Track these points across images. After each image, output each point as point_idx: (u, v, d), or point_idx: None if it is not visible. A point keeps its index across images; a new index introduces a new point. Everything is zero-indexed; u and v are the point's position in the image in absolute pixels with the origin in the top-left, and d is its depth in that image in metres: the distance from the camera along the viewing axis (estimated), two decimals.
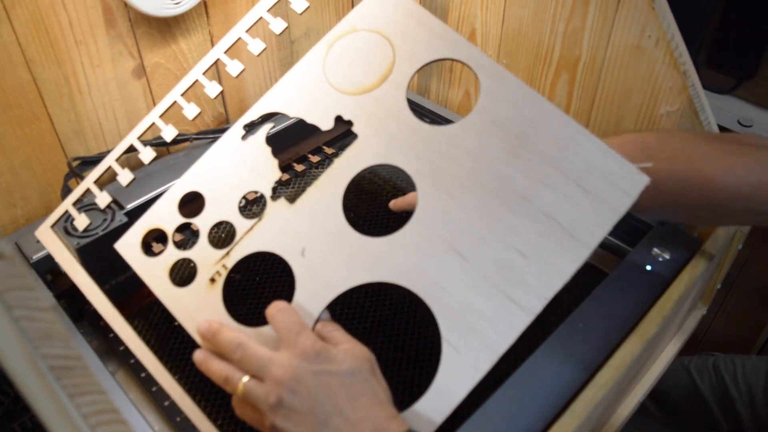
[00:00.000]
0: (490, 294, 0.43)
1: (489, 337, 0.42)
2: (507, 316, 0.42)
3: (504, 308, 0.42)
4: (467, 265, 0.43)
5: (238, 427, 0.51)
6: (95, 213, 0.55)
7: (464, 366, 0.41)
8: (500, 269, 0.43)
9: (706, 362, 0.80)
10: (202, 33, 0.72)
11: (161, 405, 0.52)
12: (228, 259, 0.47)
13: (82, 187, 0.54)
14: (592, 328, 0.53)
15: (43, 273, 0.59)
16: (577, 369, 0.50)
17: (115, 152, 0.55)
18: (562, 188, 0.43)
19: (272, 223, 0.47)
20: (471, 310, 0.42)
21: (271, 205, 0.48)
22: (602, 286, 0.57)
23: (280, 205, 0.48)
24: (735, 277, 1.14)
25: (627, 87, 0.64)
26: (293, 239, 0.46)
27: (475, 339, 0.42)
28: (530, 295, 0.42)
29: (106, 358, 0.57)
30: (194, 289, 0.47)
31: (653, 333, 0.51)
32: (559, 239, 0.43)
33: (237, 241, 0.47)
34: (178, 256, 0.48)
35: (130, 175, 0.54)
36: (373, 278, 0.44)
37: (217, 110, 0.79)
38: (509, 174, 0.44)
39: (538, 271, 0.42)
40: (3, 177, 0.62)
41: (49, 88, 0.62)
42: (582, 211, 0.43)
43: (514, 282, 0.42)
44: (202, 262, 0.48)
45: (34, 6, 0.57)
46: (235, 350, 0.43)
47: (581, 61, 0.67)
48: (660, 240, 0.61)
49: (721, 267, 0.65)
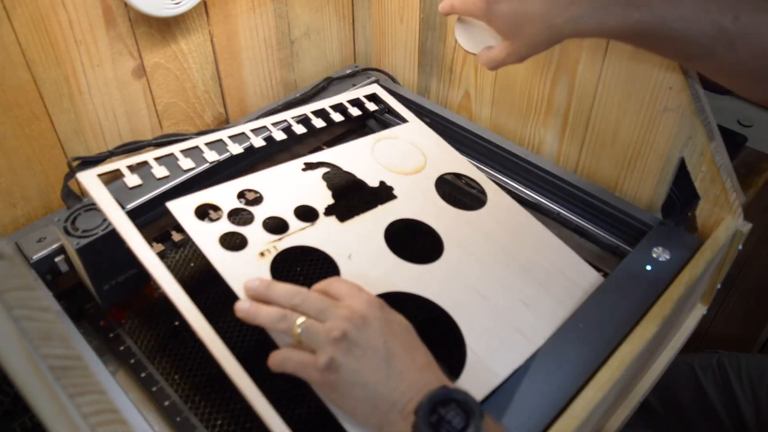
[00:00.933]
0: (503, 324, 0.52)
1: (504, 354, 0.50)
2: (516, 343, 0.51)
3: (514, 337, 0.51)
4: (485, 301, 0.54)
5: (238, 427, 0.51)
6: (95, 213, 0.55)
7: (485, 371, 0.48)
8: (509, 310, 0.53)
9: (710, 359, 0.80)
10: (202, 33, 0.72)
11: (161, 405, 0.52)
12: (279, 243, 0.52)
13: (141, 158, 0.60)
14: (592, 328, 0.53)
15: (43, 273, 0.59)
16: (577, 369, 0.50)
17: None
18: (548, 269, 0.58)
19: (323, 230, 0.55)
20: (489, 332, 0.51)
21: (323, 219, 0.56)
22: (602, 286, 0.57)
23: (331, 220, 0.56)
24: (735, 277, 1.14)
25: (627, 87, 0.64)
26: (341, 246, 0.54)
27: (494, 351, 0.50)
28: (533, 332, 0.52)
29: (106, 358, 0.57)
30: (243, 256, 0.50)
31: (653, 333, 0.51)
32: (549, 301, 0.56)
33: (290, 233, 0.54)
34: (231, 229, 0.52)
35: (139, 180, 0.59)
36: (411, 290, 0.52)
37: (217, 110, 0.79)
38: (513, 251, 0.59)
39: (537, 318, 0.54)
40: (3, 177, 0.62)
41: (49, 88, 0.62)
42: (561, 286, 0.57)
43: (520, 320, 0.53)
44: (253, 239, 0.52)
45: (34, 6, 0.57)
46: (294, 296, 0.44)
47: (581, 61, 0.67)
48: (660, 240, 0.61)
49: (721, 267, 0.65)
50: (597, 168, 0.72)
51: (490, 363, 0.49)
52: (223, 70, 0.77)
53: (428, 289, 0.53)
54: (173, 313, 0.60)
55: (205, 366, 0.56)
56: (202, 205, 0.54)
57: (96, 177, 0.55)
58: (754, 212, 1.02)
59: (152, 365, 0.56)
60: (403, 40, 0.86)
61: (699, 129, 0.60)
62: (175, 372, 0.55)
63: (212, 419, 0.52)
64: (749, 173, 0.89)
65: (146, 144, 0.69)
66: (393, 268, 0.54)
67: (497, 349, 0.50)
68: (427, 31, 0.81)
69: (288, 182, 0.59)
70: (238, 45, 0.76)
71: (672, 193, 0.66)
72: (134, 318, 0.60)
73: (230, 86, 0.78)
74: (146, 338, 0.58)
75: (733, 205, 0.61)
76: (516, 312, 0.53)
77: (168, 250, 0.67)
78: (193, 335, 0.58)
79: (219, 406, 0.53)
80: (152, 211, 0.67)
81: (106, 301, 0.57)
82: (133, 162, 0.59)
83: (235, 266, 0.49)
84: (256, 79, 0.81)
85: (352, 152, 0.64)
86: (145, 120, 0.71)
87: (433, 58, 0.83)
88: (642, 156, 0.66)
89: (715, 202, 0.62)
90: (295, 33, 0.83)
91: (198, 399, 0.53)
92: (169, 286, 0.48)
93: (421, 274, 0.54)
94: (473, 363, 0.48)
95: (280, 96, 0.85)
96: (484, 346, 0.49)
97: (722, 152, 0.60)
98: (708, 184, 0.61)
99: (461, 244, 0.58)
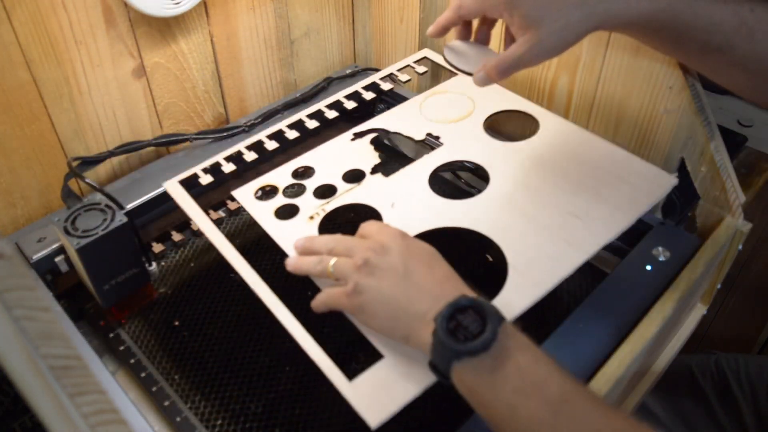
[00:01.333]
0: (550, 239, 0.52)
1: (548, 267, 0.50)
2: (564, 254, 0.51)
3: (562, 249, 0.51)
4: (531, 221, 0.54)
5: (238, 427, 0.51)
6: (95, 213, 0.55)
7: (527, 285, 0.49)
8: (558, 225, 0.53)
9: (708, 360, 0.80)
10: (202, 33, 0.72)
11: (161, 405, 0.52)
12: (327, 205, 0.57)
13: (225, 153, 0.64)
14: (592, 328, 0.53)
15: (43, 273, 0.59)
16: (578, 369, 0.50)
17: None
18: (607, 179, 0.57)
19: (368, 187, 0.59)
20: (534, 248, 0.51)
21: (369, 177, 0.60)
22: (602, 286, 0.57)
23: (377, 177, 0.60)
24: (735, 277, 1.14)
25: (627, 87, 0.64)
26: (385, 197, 0.58)
27: (536, 267, 0.50)
28: (584, 241, 0.52)
29: (106, 358, 0.57)
30: (295, 222, 0.56)
31: (653, 333, 0.51)
32: (607, 209, 0.54)
33: (338, 195, 0.58)
34: (285, 202, 0.58)
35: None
36: (453, 224, 0.54)
37: (217, 110, 0.79)
38: (568, 170, 0.58)
39: (589, 228, 0.53)
40: (3, 177, 0.62)
41: (49, 88, 0.62)
42: (621, 193, 0.56)
43: (570, 232, 0.52)
44: (304, 206, 0.57)
45: (34, 6, 0.57)
46: (328, 243, 0.49)
47: (581, 61, 0.67)
48: (660, 240, 0.61)
49: (721, 267, 0.65)
50: None
51: (533, 277, 0.49)
52: (223, 70, 0.77)
53: (472, 220, 0.54)
54: (173, 313, 0.61)
55: (205, 366, 0.56)
56: (262, 187, 0.60)
57: (178, 184, 0.60)
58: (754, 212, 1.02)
59: (152, 365, 0.56)
60: (403, 40, 0.86)
61: (699, 129, 0.60)
62: (175, 372, 0.55)
63: (212, 419, 0.52)
64: (749, 173, 0.89)
65: (146, 144, 0.69)
66: (436, 207, 0.56)
67: (542, 263, 0.50)
68: (427, 31, 0.81)
69: (338, 153, 0.63)
70: (238, 45, 0.76)
71: (672, 193, 0.66)
72: (134, 318, 0.60)
73: (230, 86, 0.78)
74: (146, 338, 0.58)
75: (733, 205, 0.61)
76: (565, 225, 0.53)
77: (168, 250, 0.67)
78: (193, 335, 0.58)
79: (219, 406, 0.53)
80: (152, 211, 0.67)
81: (106, 301, 0.57)
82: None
83: (287, 232, 0.54)
84: (256, 79, 0.81)
85: (400, 114, 0.67)
86: (145, 120, 0.71)
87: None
88: (642, 156, 0.66)
89: (715, 202, 0.62)
90: (295, 33, 0.83)
91: (198, 399, 0.53)
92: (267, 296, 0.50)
93: (464, 209, 0.55)
94: (514, 279, 0.49)
95: (280, 96, 0.85)
96: (526, 262, 0.50)
97: (722, 152, 0.60)
98: (708, 184, 0.61)
99: (508, 173, 0.58)
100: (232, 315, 0.60)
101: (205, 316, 0.60)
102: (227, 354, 0.57)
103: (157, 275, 0.64)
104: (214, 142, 0.74)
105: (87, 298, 0.60)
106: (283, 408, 0.52)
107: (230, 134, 0.74)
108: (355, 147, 0.64)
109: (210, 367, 0.56)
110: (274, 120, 0.77)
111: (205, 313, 0.60)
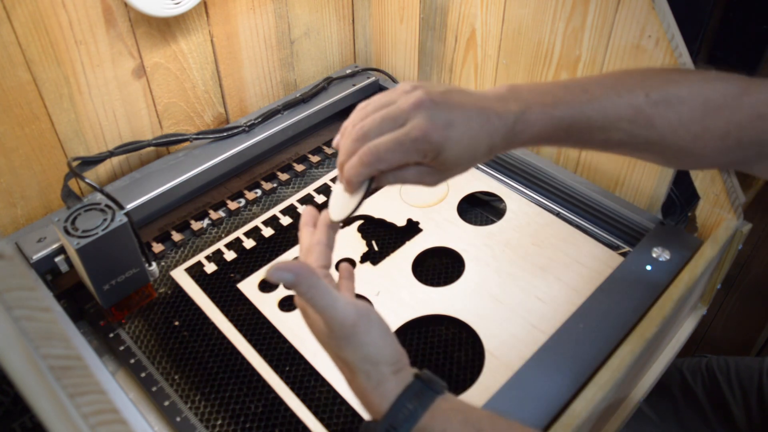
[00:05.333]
0: (520, 322, 0.58)
1: (517, 349, 0.56)
2: (530, 335, 0.57)
3: (528, 331, 0.57)
4: (502, 305, 0.60)
5: (238, 427, 0.51)
6: (95, 213, 0.55)
7: (500, 368, 0.55)
8: (527, 309, 0.59)
9: (699, 364, 0.80)
10: (202, 33, 0.72)
11: (161, 405, 0.52)
12: None
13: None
14: (592, 328, 0.53)
15: (43, 273, 0.59)
16: (577, 369, 0.50)
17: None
18: (566, 261, 0.64)
19: (359, 276, 0.61)
20: (506, 331, 0.58)
21: (359, 266, 0.65)
22: (602, 286, 0.57)
23: (366, 265, 0.65)
24: (735, 277, 1.14)
25: None
26: (372, 285, 0.63)
27: (508, 350, 0.56)
28: (547, 324, 0.58)
29: (106, 358, 0.57)
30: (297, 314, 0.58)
31: (653, 333, 0.51)
32: (565, 291, 0.61)
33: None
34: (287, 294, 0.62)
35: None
36: (435, 312, 0.60)
37: (217, 110, 0.79)
38: (532, 253, 0.65)
39: (552, 310, 0.59)
40: (3, 177, 0.62)
41: (49, 88, 0.62)
42: (578, 275, 0.63)
43: (536, 315, 0.59)
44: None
45: (34, 6, 0.57)
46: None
47: (581, 61, 0.67)
48: (660, 240, 0.61)
49: (721, 267, 0.65)
50: (597, 168, 0.72)
51: (506, 360, 0.55)
52: (223, 70, 0.77)
53: (451, 307, 0.60)
54: (173, 313, 0.61)
55: (205, 366, 0.56)
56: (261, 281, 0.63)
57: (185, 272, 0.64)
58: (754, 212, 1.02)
59: (152, 365, 0.56)
60: (403, 40, 0.86)
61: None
62: (175, 372, 0.55)
63: (212, 419, 0.52)
64: (749, 173, 0.89)
65: (146, 144, 0.69)
66: (418, 294, 0.62)
67: (513, 346, 0.56)
68: (427, 31, 0.81)
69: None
70: (238, 45, 0.76)
71: (672, 193, 0.66)
72: (134, 318, 0.60)
73: (230, 86, 0.78)
74: (146, 338, 0.58)
75: (733, 205, 0.61)
76: (532, 309, 0.59)
77: (168, 250, 0.67)
78: (193, 335, 0.58)
79: (219, 406, 0.53)
80: (152, 211, 0.67)
81: (106, 301, 0.57)
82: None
83: (290, 324, 0.59)
84: (256, 79, 0.81)
85: (383, 200, 0.73)
86: (145, 120, 0.71)
87: (432, 58, 0.83)
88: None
89: (715, 202, 0.62)
90: (295, 33, 0.83)
91: (198, 399, 0.53)
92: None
93: (444, 295, 0.61)
94: (490, 363, 0.55)
95: (280, 96, 0.85)
96: (499, 346, 0.56)
97: None
98: (708, 184, 0.61)
99: (481, 259, 0.65)
100: (232, 315, 0.60)
101: (205, 316, 0.60)
102: (227, 354, 0.57)
103: (157, 275, 0.64)
104: (214, 142, 0.74)
105: (87, 298, 0.60)
106: (283, 408, 0.52)
107: (230, 134, 0.74)
108: (344, 234, 0.69)
109: (210, 367, 0.56)
110: (275, 120, 0.77)
111: (205, 313, 0.60)
